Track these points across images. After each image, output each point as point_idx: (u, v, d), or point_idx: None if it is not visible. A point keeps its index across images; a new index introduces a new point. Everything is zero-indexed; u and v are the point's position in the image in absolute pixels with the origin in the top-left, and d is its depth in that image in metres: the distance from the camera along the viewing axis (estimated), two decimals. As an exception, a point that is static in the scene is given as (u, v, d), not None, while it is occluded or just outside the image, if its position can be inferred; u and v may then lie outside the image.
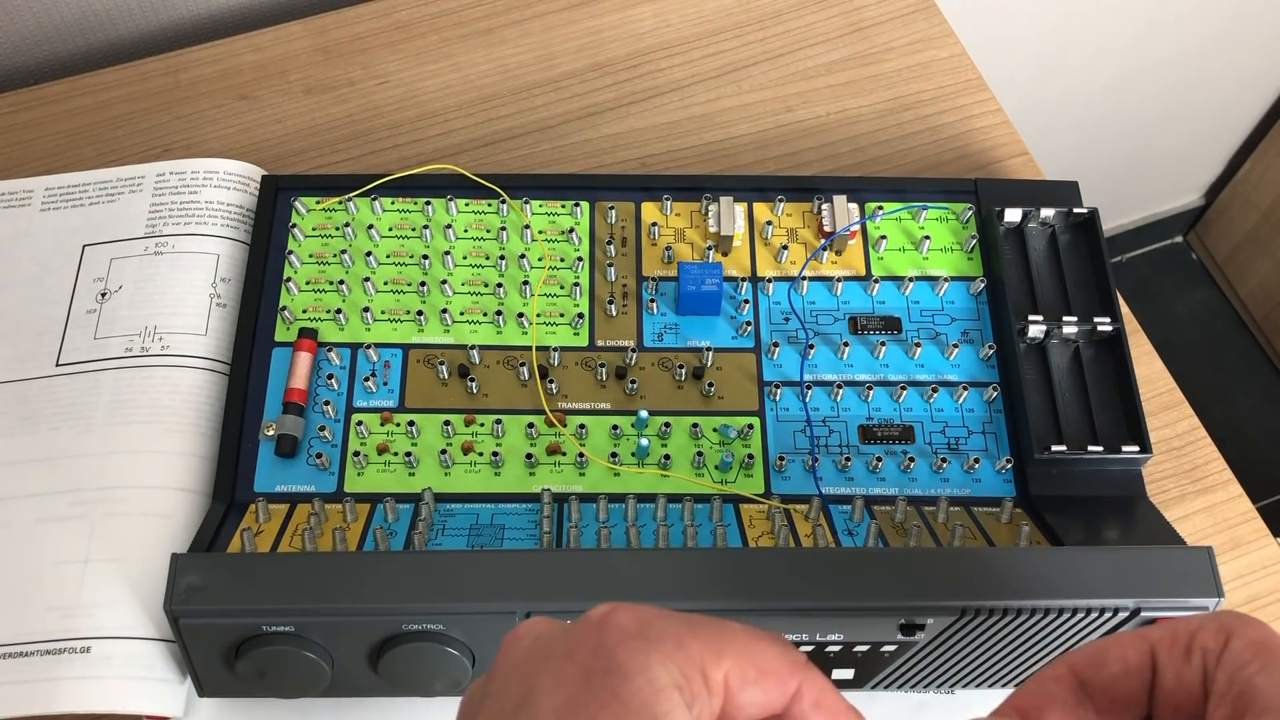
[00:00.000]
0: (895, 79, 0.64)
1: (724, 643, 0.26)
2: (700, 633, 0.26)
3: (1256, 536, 0.51)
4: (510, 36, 0.66)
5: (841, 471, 0.49)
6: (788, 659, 0.26)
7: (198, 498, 0.49)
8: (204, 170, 0.57)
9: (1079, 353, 0.50)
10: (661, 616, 0.26)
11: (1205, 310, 1.43)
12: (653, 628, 0.26)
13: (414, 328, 0.52)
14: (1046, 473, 0.48)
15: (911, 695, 0.47)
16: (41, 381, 0.52)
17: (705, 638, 0.26)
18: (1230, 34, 1.13)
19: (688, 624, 0.26)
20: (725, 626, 0.26)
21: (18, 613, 0.46)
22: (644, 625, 0.26)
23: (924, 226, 0.55)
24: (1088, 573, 0.39)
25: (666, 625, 0.26)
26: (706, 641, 0.26)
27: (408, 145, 0.62)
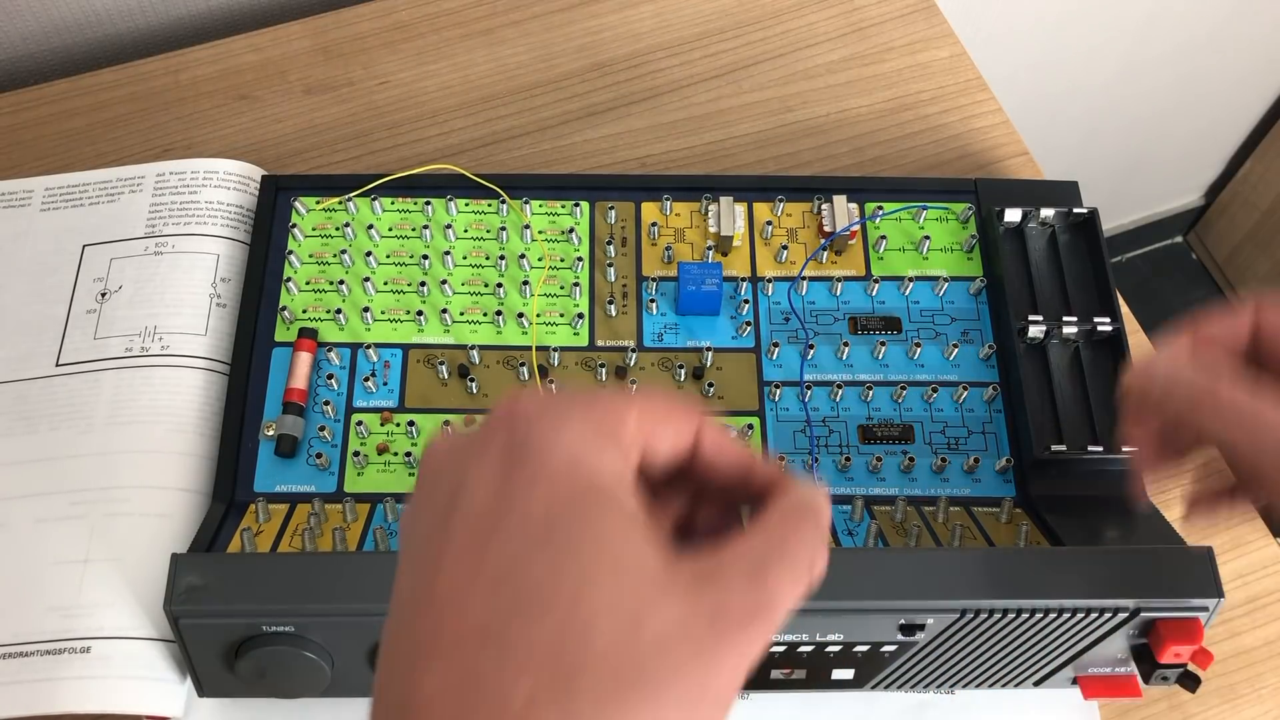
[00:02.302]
0: (895, 79, 0.64)
1: (626, 400, 0.27)
2: (602, 397, 0.27)
3: (1256, 536, 0.51)
4: (510, 36, 0.66)
5: (841, 471, 0.49)
6: (683, 403, 0.28)
7: (198, 498, 0.49)
8: (204, 170, 0.57)
9: (1079, 353, 0.50)
10: (563, 394, 0.27)
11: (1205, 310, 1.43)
12: (557, 403, 0.26)
13: (414, 328, 0.52)
14: (1046, 473, 0.48)
15: (911, 695, 0.47)
16: (41, 381, 0.52)
17: (608, 400, 0.27)
18: (1230, 33, 1.13)
19: (589, 393, 0.27)
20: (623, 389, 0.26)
21: (18, 613, 0.46)
22: (549, 403, 0.26)
23: (924, 226, 0.55)
24: (1088, 573, 0.39)
25: (570, 399, 0.27)
26: (610, 402, 0.27)
27: (408, 145, 0.62)
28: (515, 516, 0.25)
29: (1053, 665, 0.43)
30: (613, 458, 0.26)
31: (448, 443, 0.28)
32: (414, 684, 0.24)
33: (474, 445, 0.27)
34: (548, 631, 0.23)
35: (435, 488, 0.27)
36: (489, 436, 0.26)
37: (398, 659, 0.24)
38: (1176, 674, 0.42)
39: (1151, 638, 0.41)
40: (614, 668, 0.23)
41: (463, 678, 0.23)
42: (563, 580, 0.24)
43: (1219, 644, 0.48)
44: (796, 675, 0.43)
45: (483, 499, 0.25)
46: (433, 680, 0.23)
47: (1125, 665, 0.43)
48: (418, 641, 0.24)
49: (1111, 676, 0.43)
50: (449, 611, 0.24)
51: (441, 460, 0.27)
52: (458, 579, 0.25)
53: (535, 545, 0.24)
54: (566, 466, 0.26)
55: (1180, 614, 0.40)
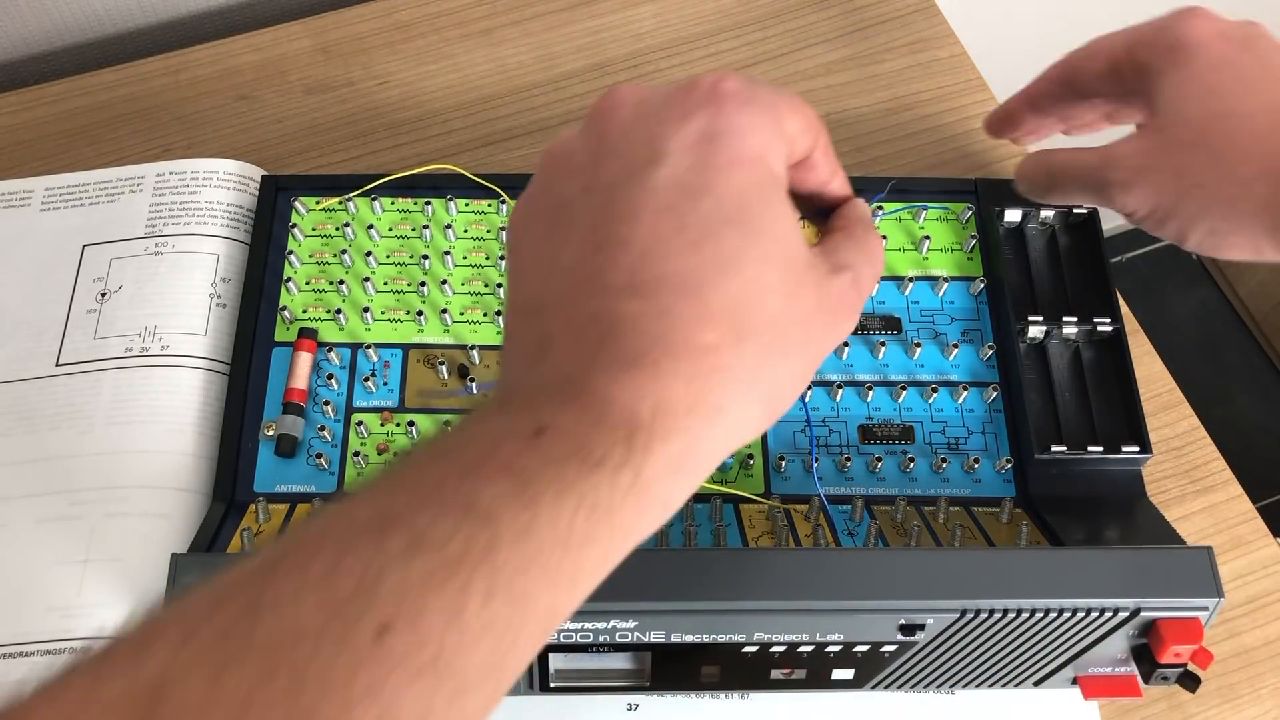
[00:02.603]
0: (895, 79, 0.64)
1: (794, 105, 0.32)
2: (777, 95, 0.31)
3: (1256, 536, 0.51)
4: (510, 36, 0.66)
5: (841, 471, 0.49)
6: (816, 116, 0.33)
7: (198, 498, 0.49)
8: (204, 170, 0.57)
9: (1079, 353, 0.50)
10: (755, 83, 0.31)
11: (1205, 310, 1.43)
12: (755, 95, 0.31)
13: (414, 327, 0.52)
14: (1046, 473, 0.48)
15: (911, 695, 0.47)
16: (41, 381, 0.52)
17: (782, 99, 0.31)
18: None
19: (769, 89, 0.31)
20: (782, 90, 0.32)
21: (18, 613, 0.46)
22: (749, 89, 0.31)
23: (924, 226, 0.55)
24: (1088, 573, 0.39)
25: (762, 91, 0.31)
26: (782, 102, 0.31)
27: (408, 145, 0.62)
28: (715, 192, 0.29)
29: (1053, 665, 0.43)
30: (781, 154, 0.31)
31: (634, 99, 0.31)
32: (615, 310, 0.28)
33: (671, 116, 0.30)
34: (733, 293, 0.28)
35: (628, 143, 0.30)
36: (690, 110, 0.30)
37: (591, 286, 0.28)
38: (1176, 674, 0.42)
39: (1151, 638, 0.41)
40: (773, 330, 0.29)
41: (662, 312, 0.27)
42: (748, 254, 0.29)
43: (1219, 644, 0.48)
44: (796, 675, 0.43)
45: (685, 168, 0.29)
46: (638, 306, 0.27)
47: (1125, 665, 0.43)
48: (612, 274, 0.28)
49: (1111, 676, 0.43)
50: (653, 257, 0.28)
51: (632, 118, 0.31)
52: (661, 232, 0.28)
53: (728, 221, 0.29)
54: (757, 157, 0.30)
55: (1180, 614, 0.40)
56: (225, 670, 0.21)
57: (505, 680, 0.24)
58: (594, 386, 0.27)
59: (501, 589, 0.23)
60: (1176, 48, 0.42)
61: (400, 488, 0.25)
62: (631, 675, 0.43)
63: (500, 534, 0.24)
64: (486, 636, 0.23)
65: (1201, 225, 0.42)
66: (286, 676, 0.21)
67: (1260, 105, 0.40)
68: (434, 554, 0.23)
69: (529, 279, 0.31)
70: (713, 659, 0.42)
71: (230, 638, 0.21)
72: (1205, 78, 0.42)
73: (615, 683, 0.43)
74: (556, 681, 0.43)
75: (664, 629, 0.40)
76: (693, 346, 0.27)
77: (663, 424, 0.26)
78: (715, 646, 0.41)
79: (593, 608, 0.39)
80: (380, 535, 0.23)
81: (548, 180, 0.32)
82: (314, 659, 0.21)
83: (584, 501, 0.25)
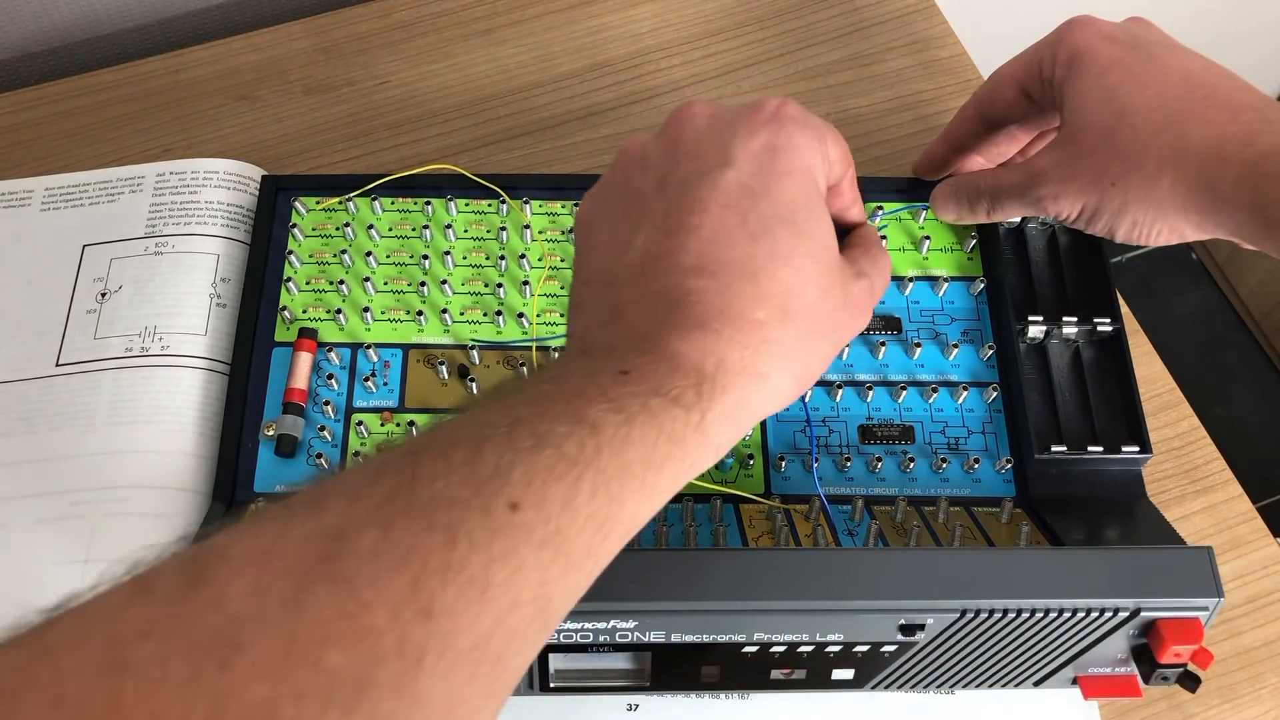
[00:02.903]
0: (895, 79, 0.64)
1: (835, 136, 0.38)
2: (825, 126, 0.38)
3: (1256, 536, 0.51)
4: (510, 36, 0.66)
5: (841, 471, 0.49)
6: (849, 150, 0.40)
7: (198, 498, 0.49)
8: (204, 170, 0.57)
9: (1079, 353, 0.50)
10: (809, 113, 0.38)
11: (1205, 310, 1.43)
12: (808, 121, 0.37)
13: (414, 328, 0.52)
14: (1046, 473, 0.48)
15: (911, 695, 0.47)
16: (41, 381, 0.52)
17: (828, 130, 0.38)
18: (1230, 34, 1.13)
19: (819, 119, 0.38)
20: (828, 123, 0.38)
21: (18, 613, 0.46)
22: (805, 116, 0.37)
23: (924, 226, 0.55)
24: (1088, 573, 0.39)
25: (814, 119, 0.38)
26: (828, 132, 0.38)
27: (408, 145, 0.62)
28: (772, 195, 0.35)
29: (1053, 665, 0.43)
30: (824, 173, 0.38)
31: (707, 114, 0.38)
32: (684, 285, 0.33)
33: (739, 129, 0.37)
34: (782, 280, 0.34)
35: (701, 148, 0.36)
36: (756, 127, 0.36)
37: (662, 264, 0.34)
38: (1176, 674, 0.42)
39: (1151, 638, 0.41)
40: (810, 316, 0.35)
41: (723, 289, 0.33)
42: (795, 249, 0.35)
43: (1219, 644, 0.48)
44: (796, 675, 0.43)
45: (749, 174, 0.35)
46: (704, 284, 0.33)
47: (1125, 665, 0.43)
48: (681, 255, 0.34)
49: (1111, 676, 0.43)
50: (718, 244, 0.34)
51: (705, 128, 0.37)
52: (726, 223, 0.34)
53: (781, 221, 0.35)
54: (807, 171, 0.36)
55: (1180, 614, 0.40)
56: (392, 524, 0.25)
57: (596, 568, 0.29)
58: (666, 343, 0.32)
59: (602, 488, 0.28)
60: (1072, 58, 0.45)
61: (520, 402, 0.29)
62: (631, 675, 0.43)
63: (603, 443, 0.29)
64: (589, 525, 0.28)
65: (1125, 219, 0.44)
66: (442, 533, 0.25)
67: (1151, 100, 0.43)
68: (554, 451, 0.28)
69: (601, 256, 0.36)
70: (713, 659, 0.42)
71: (393, 501, 0.26)
72: (1101, 81, 0.44)
73: (615, 683, 0.43)
74: (556, 681, 0.43)
75: (664, 629, 0.40)
76: (748, 320, 0.33)
77: (721, 379, 0.32)
78: (715, 646, 0.41)
79: (593, 608, 0.39)
80: (510, 433, 0.28)
81: (623, 175, 0.38)
82: (463, 521, 0.26)
83: (664, 430, 0.30)
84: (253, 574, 0.23)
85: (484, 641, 0.25)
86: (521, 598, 0.26)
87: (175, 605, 0.23)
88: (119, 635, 0.22)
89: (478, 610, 0.25)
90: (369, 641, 0.23)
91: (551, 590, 0.27)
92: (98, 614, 0.23)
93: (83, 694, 0.21)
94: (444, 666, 0.24)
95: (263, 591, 0.23)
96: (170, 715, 0.21)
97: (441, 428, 0.29)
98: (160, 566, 0.24)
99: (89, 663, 0.21)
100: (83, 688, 0.21)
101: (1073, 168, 0.45)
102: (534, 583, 0.26)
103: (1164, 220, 0.44)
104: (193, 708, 0.21)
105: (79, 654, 0.21)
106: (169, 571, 0.24)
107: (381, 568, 0.24)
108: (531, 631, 0.27)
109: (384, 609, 0.24)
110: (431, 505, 0.26)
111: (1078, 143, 0.45)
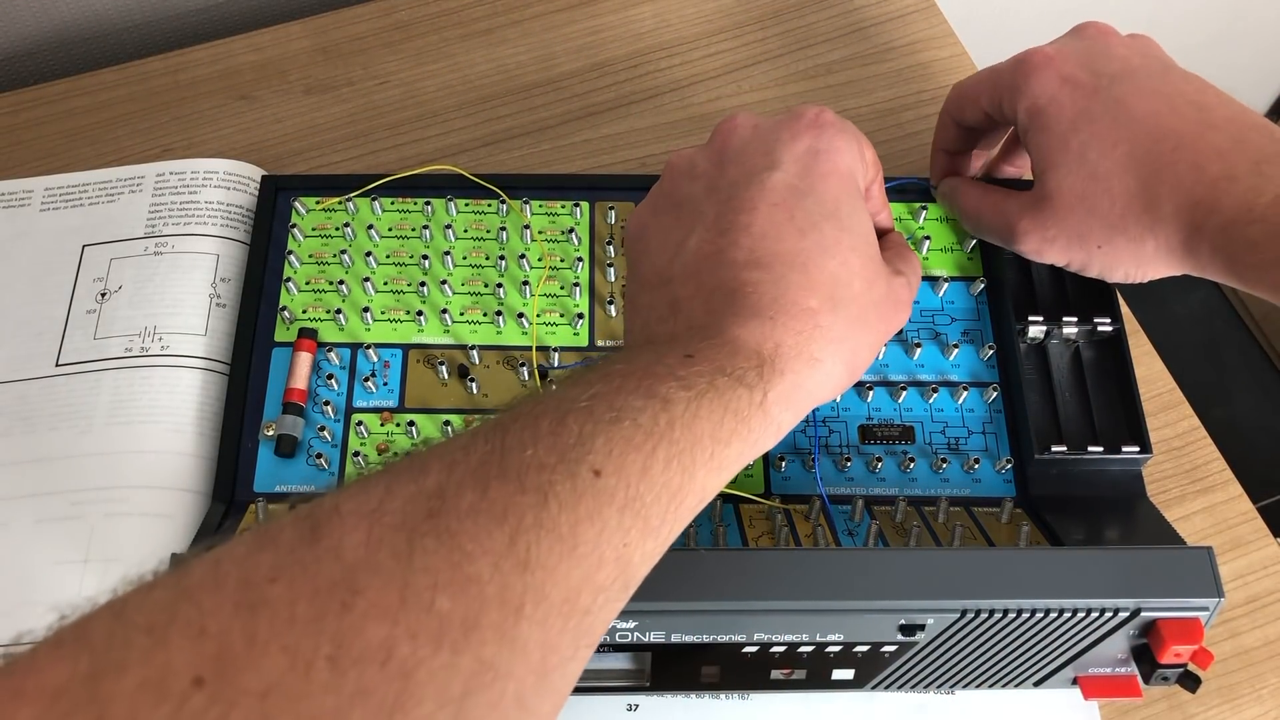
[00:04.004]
0: (895, 79, 0.64)
1: (865, 139, 0.41)
2: (859, 132, 0.41)
3: (1256, 536, 0.51)
4: (510, 36, 0.66)
5: (841, 471, 0.49)
6: (877, 156, 0.43)
7: (198, 498, 0.49)
8: (204, 170, 0.57)
9: (1079, 353, 0.50)
10: (840, 121, 0.41)
11: (1205, 310, 1.43)
12: (845, 128, 0.40)
13: (414, 328, 0.52)
14: (1046, 473, 0.48)
15: (911, 695, 0.47)
16: (41, 381, 0.52)
17: (862, 136, 0.41)
18: (1231, 35, 1.13)
19: (852, 124, 0.41)
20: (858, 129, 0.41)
21: (18, 613, 0.46)
22: (842, 122, 0.41)
23: (924, 226, 0.55)
24: (1088, 573, 0.39)
25: (850, 125, 0.41)
26: (863, 138, 0.41)
27: (408, 145, 0.62)
28: (817, 193, 0.38)
29: (1053, 665, 0.43)
30: (861, 174, 0.41)
31: (750, 124, 0.41)
32: (739, 278, 0.36)
33: (783, 135, 0.40)
34: (829, 271, 0.36)
35: (747, 154, 0.39)
36: (798, 132, 0.40)
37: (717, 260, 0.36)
38: (1177, 674, 0.42)
39: (1152, 638, 0.41)
40: (857, 305, 0.37)
41: (777, 280, 0.35)
42: (841, 243, 0.37)
43: (1219, 644, 0.48)
44: (796, 675, 0.43)
45: (795, 175, 0.38)
46: (758, 276, 0.35)
47: (1125, 665, 0.43)
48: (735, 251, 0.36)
49: (1111, 676, 0.43)
50: (769, 239, 0.36)
51: (750, 135, 0.40)
52: (775, 220, 0.37)
53: (827, 216, 0.38)
54: (848, 172, 0.39)
55: (1180, 614, 0.40)
56: (488, 486, 0.27)
57: (671, 535, 0.31)
58: (726, 330, 0.34)
59: (675, 459, 0.30)
60: (1034, 111, 0.45)
61: (596, 380, 0.31)
62: (631, 675, 0.43)
63: (675, 418, 0.31)
64: (664, 493, 0.30)
65: (1117, 272, 0.46)
66: (533, 495, 0.27)
67: (1122, 160, 0.43)
68: (631, 423, 0.30)
69: (655, 259, 0.39)
70: (713, 659, 0.42)
71: (487, 465, 0.28)
72: (1068, 143, 0.44)
73: (615, 683, 0.43)
74: (556, 681, 0.43)
75: (664, 629, 0.40)
76: (801, 308, 0.35)
77: (779, 363, 0.34)
78: (715, 646, 0.41)
79: (593, 608, 0.39)
80: (591, 407, 0.30)
81: (671, 185, 0.41)
82: (552, 485, 0.28)
83: (729, 407, 0.32)
84: (365, 528, 0.25)
85: (574, 595, 0.27)
86: (606, 556, 0.28)
87: (298, 553, 0.25)
88: (250, 579, 0.24)
89: (569, 566, 0.27)
90: (474, 589, 0.25)
91: (632, 553, 0.29)
92: (229, 560, 0.25)
93: (223, 628, 0.23)
94: (540, 615, 0.26)
95: (375, 543, 0.25)
96: (301, 649, 0.23)
97: (524, 404, 0.31)
98: (279, 522, 0.26)
99: (226, 601, 0.23)
100: (223, 623, 0.23)
101: (1056, 228, 0.45)
102: (616, 544, 0.28)
103: (1154, 269, 0.45)
104: (319, 644, 0.23)
105: (217, 594, 0.24)
106: (288, 525, 0.26)
107: (481, 524, 0.26)
108: (615, 589, 0.29)
109: (486, 560, 0.26)
110: (522, 470, 0.28)
111: (1056, 205, 0.45)
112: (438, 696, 0.24)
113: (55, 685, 0.22)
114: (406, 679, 0.23)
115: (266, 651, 0.22)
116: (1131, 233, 0.43)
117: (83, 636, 0.23)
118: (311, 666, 0.23)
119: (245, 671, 0.22)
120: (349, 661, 0.23)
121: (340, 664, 0.23)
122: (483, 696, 0.25)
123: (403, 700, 0.23)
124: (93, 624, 0.23)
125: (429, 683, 0.24)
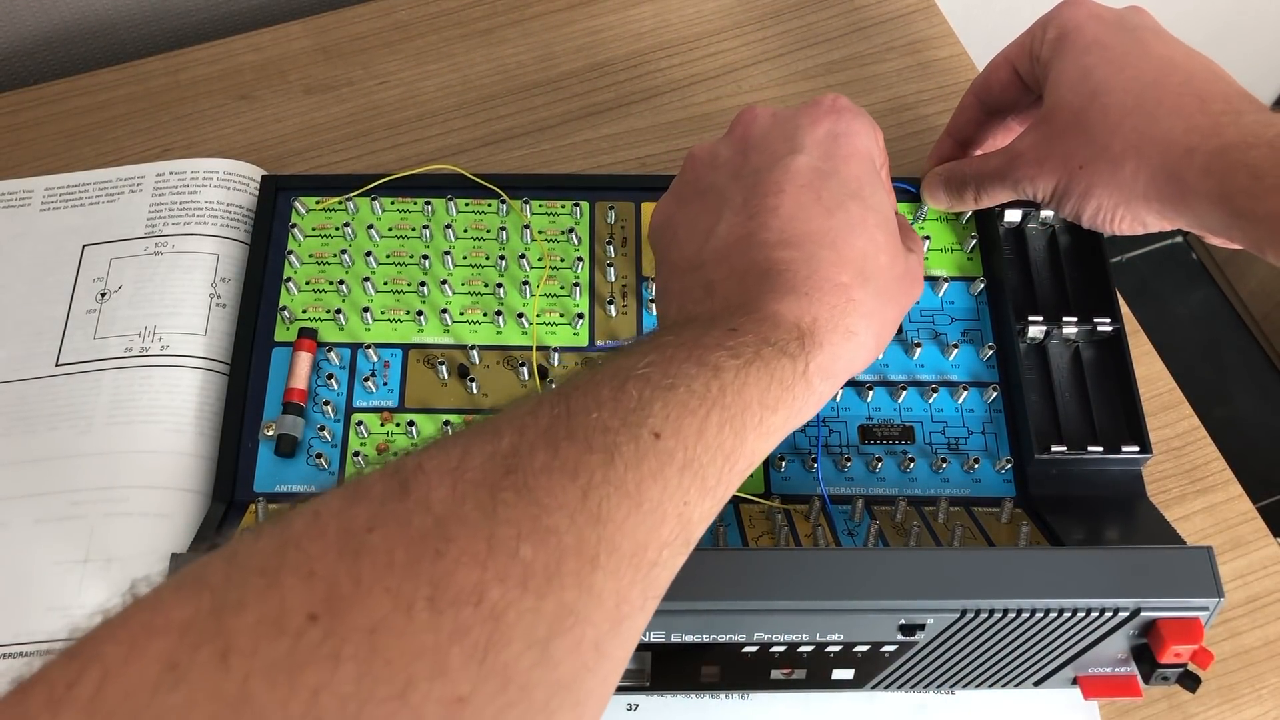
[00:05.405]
0: (895, 79, 0.64)
1: (877, 124, 0.43)
2: (871, 118, 0.43)
3: (1256, 536, 0.51)
4: (510, 36, 0.66)
5: (841, 471, 0.49)
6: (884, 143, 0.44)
7: (198, 498, 0.49)
8: (204, 170, 0.57)
9: (1079, 353, 0.50)
10: (856, 107, 0.42)
11: (1205, 310, 1.43)
12: (862, 111, 0.42)
13: (414, 328, 0.52)
14: (1046, 473, 0.48)
15: (911, 695, 0.47)
16: (41, 381, 0.52)
17: (874, 121, 0.43)
18: (1231, 35, 1.13)
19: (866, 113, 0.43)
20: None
21: (18, 613, 0.46)
22: (858, 108, 0.42)
23: (924, 226, 0.55)
24: (1088, 573, 0.39)
25: (864, 112, 0.42)
26: (874, 123, 0.42)
27: (408, 145, 0.62)
28: (841, 174, 0.39)
29: (1053, 665, 0.43)
30: (878, 157, 0.42)
31: (769, 113, 0.42)
32: (771, 258, 0.37)
33: (802, 121, 0.41)
34: (858, 247, 0.38)
35: (769, 141, 0.41)
36: (818, 117, 0.41)
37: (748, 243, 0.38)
38: (1177, 674, 0.42)
39: (1152, 638, 0.41)
40: (883, 279, 0.38)
41: (808, 258, 0.37)
42: (866, 220, 0.39)
43: (1219, 644, 0.48)
44: (796, 675, 0.43)
45: (819, 157, 0.40)
46: (790, 254, 0.37)
47: (1125, 665, 0.43)
48: (765, 233, 0.38)
49: (1111, 676, 0.43)
50: (798, 219, 0.38)
51: (770, 124, 0.42)
52: (802, 201, 0.38)
53: (851, 196, 0.39)
54: (867, 154, 0.41)
55: (1180, 614, 0.40)
56: (558, 446, 0.29)
57: (724, 496, 0.32)
58: (764, 306, 0.36)
59: (728, 423, 0.31)
60: (1059, 36, 0.46)
61: (649, 350, 0.33)
62: (631, 675, 0.43)
63: (725, 384, 0.32)
64: (718, 455, 0.31)
65: (1090, 203, 0.45)
66: (600, 453, 0.29)
67: (1127, 81, 0.43)
68: (686, 389, 0.31)
69: (684, 247, 0.40)
70: (713, 659, 0.42)
71: (556, 427, 0.29)
72: (1080, 60, 0.45)
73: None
74: (556, 681, 0.43)
75: (664, 629, 0.40)
76: (833, 284, 0.36)
77: (818, 335, 0.35)
78: (715, 646, 0.41)
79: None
80: (647, 374, 0.31)
81: (694, 175, 0.42)
82: (618, 445, 0.29)
83: (774, 376, 0.33)
84: (449, 483, 0.27)
85: (641, 549, 0.29)
86: (669, 513, 0.30)
87: (390, 505, 0.26)
88: (350, 528, 0.25)
89: (636, 520, 0.29)
90: (553, 540, 0.27)
91: (691, 511, 0.30)
92: (326, 512, 0.26)
93: (330, 571, 0.24)
94: (612, 566, 0.28)
95: (460, 498, 0.27)
96: (403, 591, 0.24)
97: (583, 374, 0.32)
98: (367, 478, 0.28)
99: (330, 548, 0.25)
100: (329, 566, 0.24)
101: (1047, 148, 0.45)
102: (678, 501, 0.30)
103: (1127, 207, 0.44)
104: (418, 586, 0.24)
105: (320, 541, 0.25)
106: (377, 481, 0.27)
107: (555, 481, 0.28)
108: (678, 545, 0.30)
109: (563, 513, 0.27)
110: (588, 432, 0.29)
111: (1052, 122, 0.45)
112: (525, 637, 0.25)
113: (183, 620, 0.23)
114: (497, 620, 0.25)
115: (371, 592, 0.24)
116: (1114, 150, 0.43)
117: (201, 578, 0.24)
118: (413, 607, 0.24)
119: (354, 610, 0.24)
120: (446, 602, 0.24)
121: (438, 604, 0.24)
122: (565, 640, 0.26)
123: (495, 640, 0.25)
124: (209, 569, 0.25)
125: (517, 623, 0.25)
